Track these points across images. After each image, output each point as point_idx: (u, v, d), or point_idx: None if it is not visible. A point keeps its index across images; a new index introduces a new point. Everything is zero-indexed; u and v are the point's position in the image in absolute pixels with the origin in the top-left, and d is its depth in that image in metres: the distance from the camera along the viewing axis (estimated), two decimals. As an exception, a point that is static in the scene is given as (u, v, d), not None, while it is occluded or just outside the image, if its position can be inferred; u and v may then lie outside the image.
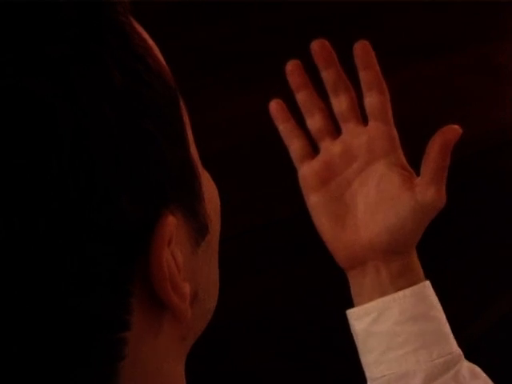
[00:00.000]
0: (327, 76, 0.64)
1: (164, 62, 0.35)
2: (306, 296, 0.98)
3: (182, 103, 0.36)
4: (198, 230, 0.36)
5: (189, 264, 0.36)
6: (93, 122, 0.29)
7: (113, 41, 0.31)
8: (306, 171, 0.64)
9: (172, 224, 0.32)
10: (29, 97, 0.28)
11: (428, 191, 0.58)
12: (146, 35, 0.35)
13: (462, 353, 0.62)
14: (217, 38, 1.31)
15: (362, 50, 0.64)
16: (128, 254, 0.31)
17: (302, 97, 0.65)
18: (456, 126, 0.60)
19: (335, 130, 0.65)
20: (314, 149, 0.65)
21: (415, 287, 0.60)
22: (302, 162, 0.65)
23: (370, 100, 0.63)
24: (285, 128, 0.65)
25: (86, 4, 0.31)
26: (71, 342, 0.30)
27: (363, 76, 0.64)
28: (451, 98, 1.40)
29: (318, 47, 0.64)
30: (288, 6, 1.39)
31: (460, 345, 1.13)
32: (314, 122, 0.64)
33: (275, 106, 0.65)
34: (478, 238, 1.23)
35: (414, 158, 1.33)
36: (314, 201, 0.64)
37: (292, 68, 0.64)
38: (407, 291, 0.60)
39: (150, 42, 0.35)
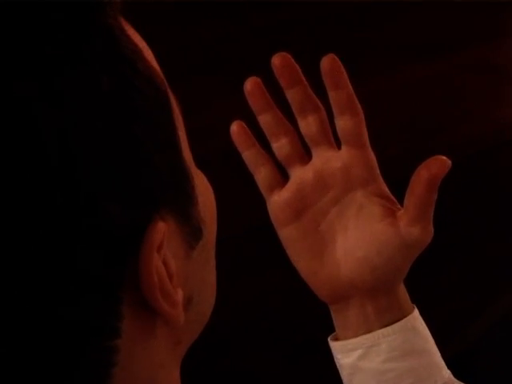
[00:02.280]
0: (292, 95, 0.56)
1: (155, 65, 0.34)
2: (305, 296, 0.98)
3: (174, 106, 0.35)
4: (192, 233, 0.36)
5: (182, 268, 0.35)
6: (79, 126, 0.29)
7: (101, 44, 0.31)
8: (276, 203, 0.57)
9: (161, 230, 0.32)
10: (13, 101, 0.28)
11: (413, 229, 0.52)
12: (136, 37, 0.34)
13: (451, 375, 0.59)
14: (215, 38, 1.31)
15: (330, 66, 0.55)
16: (117, 261, 0.30)
17: (264, 119, 0.56)
18: (444, 158, 0.52)
19: (305, 153, 0.58)
20: (283, 172, 0.58)
21: (405, 321, 0.55)
22: (270, 193, 0.57)
23: (343, 124, 0.55)
24: (249, 155, 0.57)
25: (74, 7, 0.31)
26: (61, 350, 0.30)
27: (333, 97, 0.55)
28: (451, 98, 1.40)
29: (280, 62, 0.55)
30: (287, 6, 1.39)
31: (460, 344, 1.13)
32: (280, 146, 0.57)
33: (237, 130, 0.57)
34: (478, 237, 1.23)
35: (413, 159, 1.33)
36: (287, 235, 0.57)
37: (251, 88, 0.56)
38: (396, 326, 0.55)
39: (141, 44, 0.34)
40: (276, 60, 0.55)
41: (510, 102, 1.41)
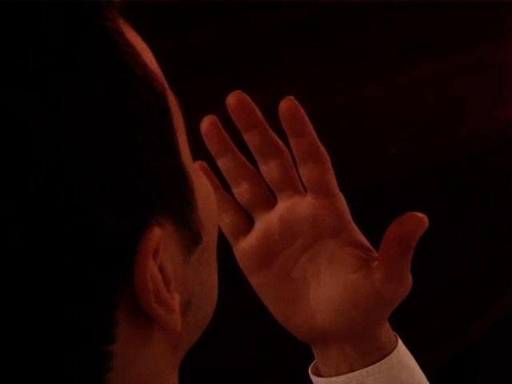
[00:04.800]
0: (250, 139, 0.52)
1: (155, 68, 0.34)
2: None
3: (174, 109, 0.35)
4: (191, 238, 0.36)
5: (180, 273, 0.35)
6: (72, 134, 0.29)
7: (97, 49, 0.30)
8: (242, 250, 0.54)
9: (157, 236, 0.31)
10: (4, 110, 0.27)
11: (389, 285, 0.50)
12: (136, 39, 0.33)
13: None
14: (215, 38, 1.31)
15: (289, 111, 0.50)
16: (112, 267, 0.30)
17: (222, 163, 0.53)
18: (419, 216, 0.48)
19: (270, 196, 0.54)
20: (249, 215, 0.54)
21: (390, 357, 0.53)
22: (235, 240, 0.54)
23: (306, 173, 0.52)
24: None
25: (71, 10, 0.30)
26: (54, 354, 0.30)
27: (294, 144, 0.51)
28: (451, 98, 1.40)
29: (235, 102, 0.50)
30: (288, 6, 1.39)
31: (460, 344, 1.13)
32: (241, 192, 0.53)
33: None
34: (478, 237, 1.23)
35: (413, 159, 1.33)
36: (257, 282, 0.54)
37: (207, 128, 0.52)
38: (382, 365, 0.52)
39: (141, 46, 0.33)
40: (231, 99, 0.50)
41: (510, 102, 1.41)
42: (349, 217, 0.53)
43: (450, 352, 1.06)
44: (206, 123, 0.52)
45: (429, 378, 0.58)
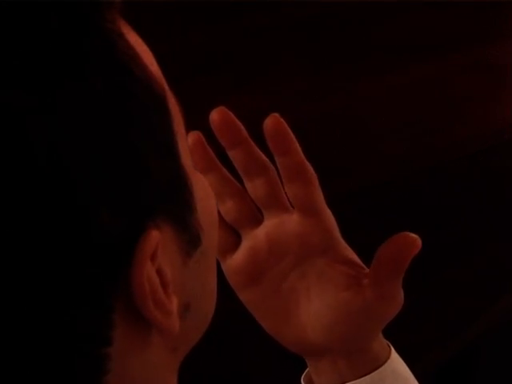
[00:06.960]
0: (234, 156, 0.51)
1: (155, 69, 0.34)
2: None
3: (174, 111, 0.34)
4: (190, 241, 0.35)
5: (179, 276, 0.35)
6: (70, 135, 0.28)
7: (96, 51, 0.30)
8: (230, 267, 0.53)
9: (155, 239, 0.31)
10: (2, 110, 0.27)
11: (380, 303, 0.49)
12: (136, 41, 0.33)
13: None
14: (215, 38, 1.31)
15: (274, 129, 0.49)
16: (109, 269, 0.30)
17: (207, 181, 0.49)
18: (413, 236, 0.47)
19: (257, 212, 0.53)
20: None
21: (383, 368, 0.52)
22: (223, 257, 0.53)
23: (292, 192, 0.51)
24: None
25: (70, 11, 0.30)
26: (51, 356, 0.30)
27: (280, 163, 0.50)
28: (451, 98, 1.40)
29: (218, 119, 0.49)
30: (288, 6, 1.39)
31: (460, 344, 1.13)
32: (227, 211, 0.52)
33: None
34: (478, 237, 1.23)
35: (414, 159, 1.33)
36: (247, 298, 0.54)
37: (191, 144, 0.50)
38: (376, 375, 0.52)
39: (141, 48, 0.33)
40: (214, 116, 0.49)
41: (510, 102, 1.41)
42: (337, 234, 0.53)
43: (450, 352, 1.07)
44: (190, 140, 0.51)
45: (429, 379, 0.58)
